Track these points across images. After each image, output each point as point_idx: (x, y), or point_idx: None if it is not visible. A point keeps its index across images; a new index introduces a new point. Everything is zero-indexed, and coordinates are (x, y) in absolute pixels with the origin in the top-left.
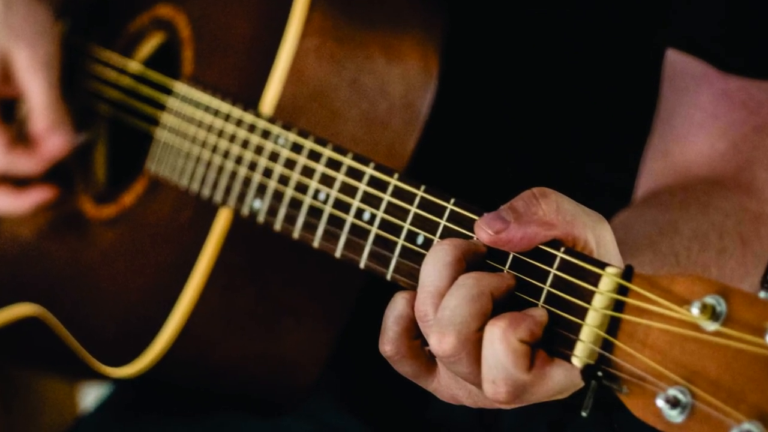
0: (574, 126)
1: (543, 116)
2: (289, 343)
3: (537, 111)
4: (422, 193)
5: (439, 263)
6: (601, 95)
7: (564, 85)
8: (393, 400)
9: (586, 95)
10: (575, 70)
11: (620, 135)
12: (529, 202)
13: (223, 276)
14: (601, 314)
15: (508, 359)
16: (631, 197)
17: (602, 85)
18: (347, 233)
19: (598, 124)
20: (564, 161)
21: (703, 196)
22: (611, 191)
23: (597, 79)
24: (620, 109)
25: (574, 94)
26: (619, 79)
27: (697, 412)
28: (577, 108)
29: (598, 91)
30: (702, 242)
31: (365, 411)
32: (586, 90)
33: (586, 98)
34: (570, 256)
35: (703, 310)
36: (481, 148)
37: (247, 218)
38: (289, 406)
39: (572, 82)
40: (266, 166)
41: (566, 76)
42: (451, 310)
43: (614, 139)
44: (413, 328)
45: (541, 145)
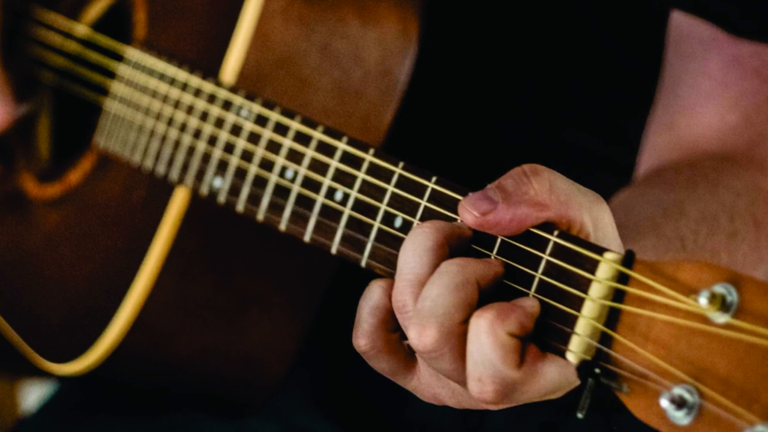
0: (570, 96)
1: (534, 85)
2: (254, 337)
3: (527, 79)
4: (400, 170)
5: (420, 248)
6: (599, 61)
7: (558, 50)
8: (368, 400)
9: (583, 62)
10: (570, 33)
11: (620, 106)
12: (519, 180)
13: (179, 262)
14: (599, 305)
15: (496, 354)
16: (632, 175)
17: (600, 50)
18: (317, 215)
19: (596, 93)
20: (558, 135)
21: (712, 174)
22: (610, 168)
23: (594, 43)
24: (620, 77)
25: (569, 60)
26: (618, 43)
27: (705, 414)
28: (573, 76)
29: (596, 57)
30: (711, 225)
31: (337, 412)
32: (583, 56)
33: (583, 65)
34: (564, 240)
35: (712, 300)
36: (466, 121)
37: (206, 198)
38: (254, 407)
39: (567, 46)
40: (227, 140)
41: (560, 40)
42: (433, 300)
43: (613, 110)
44: (390, 320)
45: (532, 117)
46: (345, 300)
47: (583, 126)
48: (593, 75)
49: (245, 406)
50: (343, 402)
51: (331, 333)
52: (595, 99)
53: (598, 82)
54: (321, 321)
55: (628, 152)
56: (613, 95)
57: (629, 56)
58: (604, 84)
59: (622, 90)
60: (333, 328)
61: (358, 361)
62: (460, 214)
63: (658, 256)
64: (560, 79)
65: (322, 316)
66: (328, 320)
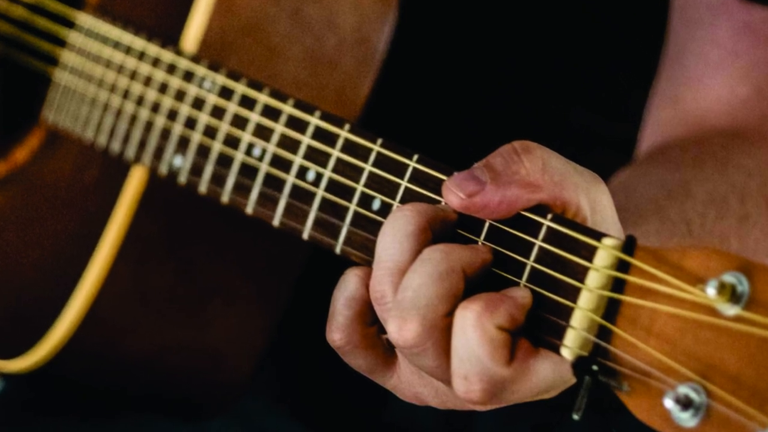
0: (564, 65)
1: (525, 55)
2: (217, 331)
3: (518, 48)
4: (379, 147)
5: (400, 233)
6: (597, 28)
7: (551, 15)
8: (343, 401)
9: (579, 28)
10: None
11: (620, 77)
12: (509, 158)
13: (135, 249)
14: (597, 295)
15: (484, 350)
16: (632, 153)
17: (598, 15)
18: (288, 197)
19: (594, 62)
20: (551, 109)
21: (720, 152)
22: (609, 146)
23: (591, 7)
24: (620, 45)
25: (564, 26)
26: (618, 8)
27: (713, 415)
28: (568, 43)
29: (593, 23)
30: (719, 207)
31: (309, 413)
32: (578, 21)
33: (579, 31)
34: (558, 224)
35: (720, 291)
36: (450, 94)
37: (165, 179)
38: (217, 408)
39: (561, 11)
40: (189, 115)
41: (554, 3)
42: (414, 290)
43: (613, 81)
44: (368, 313)
45: (523, 90)
46: (318, 290)
47: (578, 99)
48: (591, 45)
49: (208, 407)
50: (316, 403)
51: (302, 327)
52: (591, 69)
53: (597, 53)
54: (291, 314)
55: (628, 128)
56: (611, 65)
57: (629, 22)
58: (604, 54)
59: (622, 59)
60: (304, 322)
61: (332, 358)
62: (444, 196)
63: (662, 242)
64: (553, 48)
65: (292, 309)
66: (298, 313)
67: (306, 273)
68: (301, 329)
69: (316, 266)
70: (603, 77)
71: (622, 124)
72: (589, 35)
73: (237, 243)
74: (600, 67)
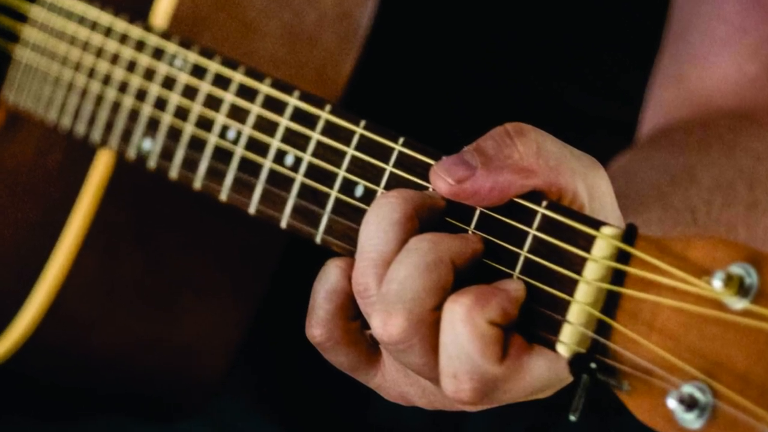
0: (560, 41)
1: (518, 29)
2: (188, 326)
3: (510, 25)
4: (362, 130)
5: (384, 222)
6: (595, 2)
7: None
8: (323, 401)
9: (575, 3)
10: None
11: (620, 54)
12: (502, 141)
13: (102, 239)
14: (595, 288)
15: (474, 346)
16: (633, 136)
17: None
18: (264, 183)
19: (592, 39)
20: (546, 89)
21: (728, 134)
22: (608, 128)
23: None
24: (620, 21)
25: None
26: None
27: (719, 416)
28: (564, 18)
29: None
30: (726, 194)
31: (287, 414)
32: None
33: (575, 5)
34: (554, 212)
35: (728, 283)
36: (438, 73)
37: (134, 163)
38: (189, 408)
39: None
40: (159, 95)
41: None
42: (400, 282)
43: (612, 59)
44: (350, 307)
45: (516, 68)
46: (296, 283)
47: (575, 78)
48: (586, 18)
49: (179, 407)
50: (294, 403)
51: (279, 321)
52: (589, 46)
53: (593, 26)
54: (268, 307)
55: (629, 110)
56: (610, 41)
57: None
58: (600, 28)
59: (621, 36)
60: (282, 316)
61: (312, 355)
62: (432, 182)
63: (665, 231)
64: (548, 23)
65: (269, 302)
66: (276, 307)
67: (284, 264)
68: (279, 324)
69: (295, 257)
70: (602, 55)
71: (622, 106)
72: (587, 10)
73: (210, 232)
74: (598, 43)
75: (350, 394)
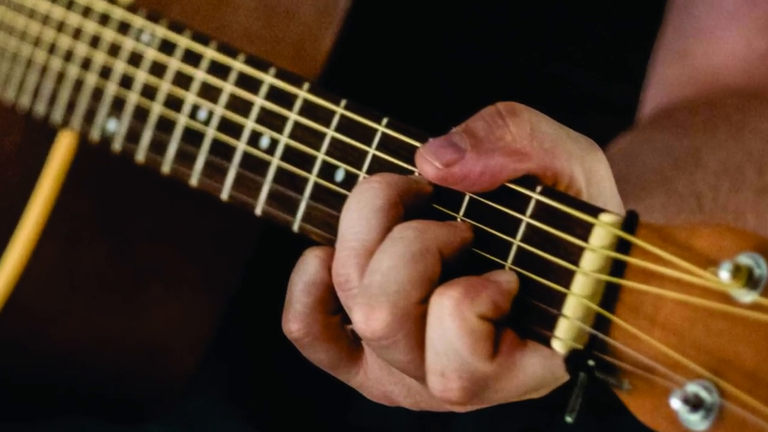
0: (556, 16)
1: (511, 5)
2: (156, 320)
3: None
4: (342, 110)
5: (367, 208)
6: None
7: None
8: (301, 401)
9: None
10: None
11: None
12: (493, 122)
13: (63, 226)
14: (593, 279)
15: (463, 343)
16: (634, 116)
17: None
18: (238, 166)
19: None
20: (541, 66)
21: (735, 114)
22: (607, 108)
23: None
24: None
25: None
26: None
27: (727, 417)
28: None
29: None
30: (734, 179)
31: (262, 415)
32: None
33: None
34: (549, 198)
35: (736, 274)
36: (425, 49)
37: (97, 145)
38: (157, 409)
39: None
40: (124, 72)
41: None
42: (383, 274)
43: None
44: (330, 300)
45: (509, 45)
46: (272, 274)
47: (572, 55)
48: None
49: (146, 407)
50: (269, 403)
51: (254, 316)
52: (586, 20)
53: (591, 1)
54: (241, 300)
55: (629, 88)
56: (609, 16)
57: None
58: (598, 1)
59: (621, 10)
60: (256, 310)
61: (289, 352)
62: (417, 166)
63: (668, 218)
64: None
65: (242, 295)
66: (250, 300)
67: (259, 254)
68: (253, 318)
69: (271, 246)
70: (600, 29)
71: (622, 84)
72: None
73: (180, 220)
74: (596, 17)
75: (330, 394)
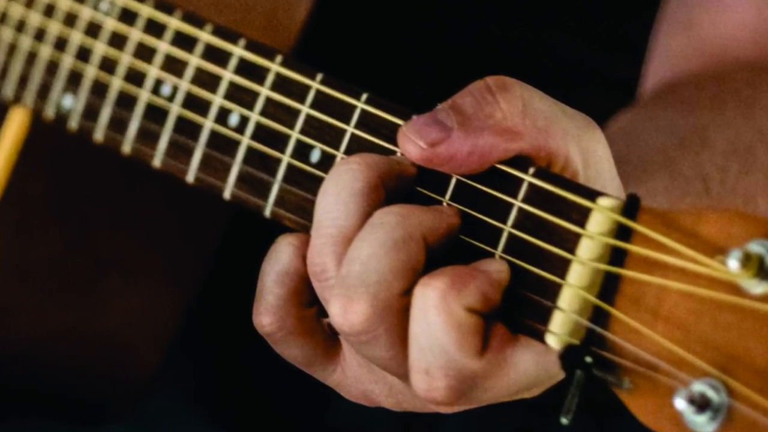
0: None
1: None
2: (116, 313)
3: None
4: (319, 84)
5: (345, 192)
6: None
7: None
8: (274, 401)
9: None
10: None
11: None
12: (482, 98)
13: (14, 212)
14: (591, 269)
15: (449, 338)
16: (635, 92)
17: None
18: (205, 146)
19: None
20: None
21: (745, 90)
22: (606, 83)
23: None
24: None
25: None
26: None
27: (736, 418)
28: None
29: None
30: (744, 160)
31: (231, 417)
32: None
33: None
34: (543, 180)
35: (745, 263)
36: (408, 19)
37: (52, 123)
38: (116, 409)
39: None
40: (81, 44)
41: None
42: (363, 263)
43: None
44: (305, 291)
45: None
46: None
47: (568, 26)
48: None
49: (105, 408)
50: (239, 404)
51: (222, 309)
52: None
53: None
54: (209, 292)
55: (630, 61)
56: None
57: None
58: None
59: None
60: (225, 302)
61: (261, 347)
62: (400, 145)
63: (672, 203)
64: None
65: (210, 286)
66: (218, 291)
67: (227, 241)
68: (221, 311)
69: (241, 233)
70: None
71: (622, 56)
72: None
73: (142, 205)
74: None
75: (305, 394)
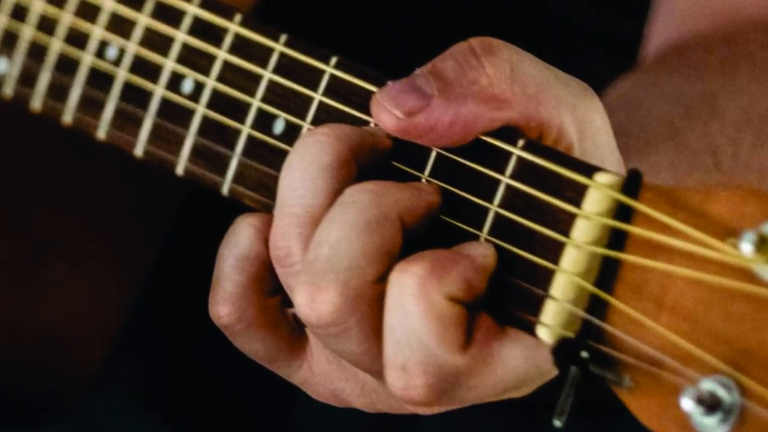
0: None
1: None
2: (56, 304)
3: None
4: (282, 47)
5: (312, 167)
6: None
7: None
8: (232, 401)
9: None
10: None
11: None
12: (465, 62)
13: None
14: (587, 253)
15: (429, 330)
16: (636, 55)
17: None
18: (155, 116)
19: None
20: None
21: (760, 53)
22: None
23: None
24: None
25: None
26: None
27: (749, 420)
28: None
29: None
30: (758, 131)
31: (183, 417)
32: None
33: None
34: (534, 154)
35: (760, 247)
36: None
37: None
38: (58, 409)
39: None
40: (17, 1)
41: None
42: (332, 246)
43: None
44: (267, 278)
45: None
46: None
47: None
48: None
49: (43, 408)
50: (193, 404)
51: (174, 298)
52: None
53: None
54: (159, 279)
55: (632, 21)
56: None
57: None
58: None
59: None
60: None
61: (217, 341)
62: (374, 115)
63: (678, 179)
64: None
65: (160, 272)
66: (169, 278)
67: (180, 223)
68: (173, 301)
69: (195, 213)
70: None
71: (623, 16)
72: None
73: (85, 182)
74: None
75: (267, 393)
